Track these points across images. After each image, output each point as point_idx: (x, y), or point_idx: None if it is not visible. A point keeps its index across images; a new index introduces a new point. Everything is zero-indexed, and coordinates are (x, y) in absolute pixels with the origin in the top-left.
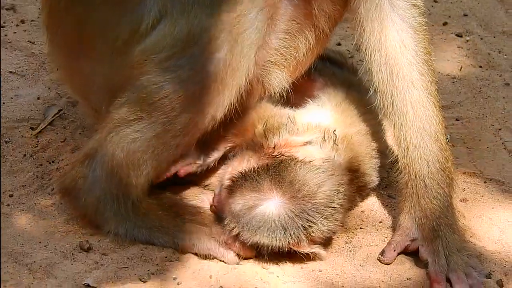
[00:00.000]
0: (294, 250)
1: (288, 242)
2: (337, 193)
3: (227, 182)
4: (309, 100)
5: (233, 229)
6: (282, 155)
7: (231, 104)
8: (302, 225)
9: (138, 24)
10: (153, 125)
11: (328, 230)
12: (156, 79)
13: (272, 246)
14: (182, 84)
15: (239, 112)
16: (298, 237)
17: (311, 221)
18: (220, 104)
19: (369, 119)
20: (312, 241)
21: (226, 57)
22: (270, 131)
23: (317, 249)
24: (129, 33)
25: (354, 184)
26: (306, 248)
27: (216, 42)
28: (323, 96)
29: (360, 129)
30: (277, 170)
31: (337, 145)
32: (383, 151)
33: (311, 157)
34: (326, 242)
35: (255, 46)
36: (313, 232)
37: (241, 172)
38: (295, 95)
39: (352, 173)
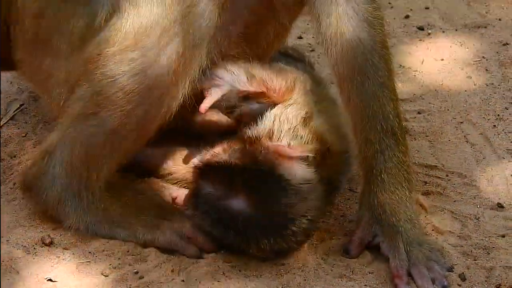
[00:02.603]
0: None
1: (238, 245)
2: (302, 218)
3: (201, 164)
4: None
5: (187, 209)
6: (265, 163)
7: (186, 95)
8: (254, 235)
9: (93, 19)
10: (109, 119)
11: (279, 249)
12: (110, 73)
13: (221, 241)
14: (136, 77)
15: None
16: (248, 244)
17: (264, 236)
18: (175, 96)
19: (338, 114)
20: (262, 251)
21: (179, 48)
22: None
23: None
24: (84, 27)
25: (331, 196)
26: (257, 253)
27: (168, 34)
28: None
29: (333, 125)
30: (253, 175)
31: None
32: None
33: (290, 175)
34: None
35: (207, 36)
36: (262, 245)
37: (218, 161)
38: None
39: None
